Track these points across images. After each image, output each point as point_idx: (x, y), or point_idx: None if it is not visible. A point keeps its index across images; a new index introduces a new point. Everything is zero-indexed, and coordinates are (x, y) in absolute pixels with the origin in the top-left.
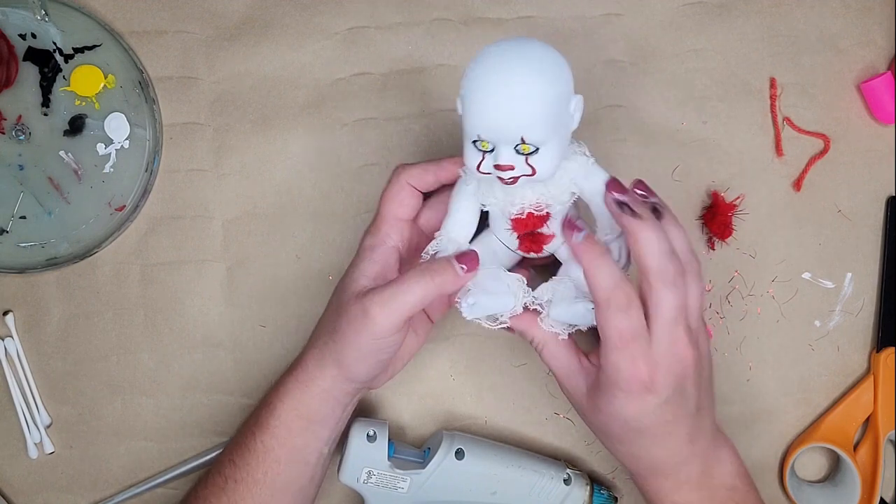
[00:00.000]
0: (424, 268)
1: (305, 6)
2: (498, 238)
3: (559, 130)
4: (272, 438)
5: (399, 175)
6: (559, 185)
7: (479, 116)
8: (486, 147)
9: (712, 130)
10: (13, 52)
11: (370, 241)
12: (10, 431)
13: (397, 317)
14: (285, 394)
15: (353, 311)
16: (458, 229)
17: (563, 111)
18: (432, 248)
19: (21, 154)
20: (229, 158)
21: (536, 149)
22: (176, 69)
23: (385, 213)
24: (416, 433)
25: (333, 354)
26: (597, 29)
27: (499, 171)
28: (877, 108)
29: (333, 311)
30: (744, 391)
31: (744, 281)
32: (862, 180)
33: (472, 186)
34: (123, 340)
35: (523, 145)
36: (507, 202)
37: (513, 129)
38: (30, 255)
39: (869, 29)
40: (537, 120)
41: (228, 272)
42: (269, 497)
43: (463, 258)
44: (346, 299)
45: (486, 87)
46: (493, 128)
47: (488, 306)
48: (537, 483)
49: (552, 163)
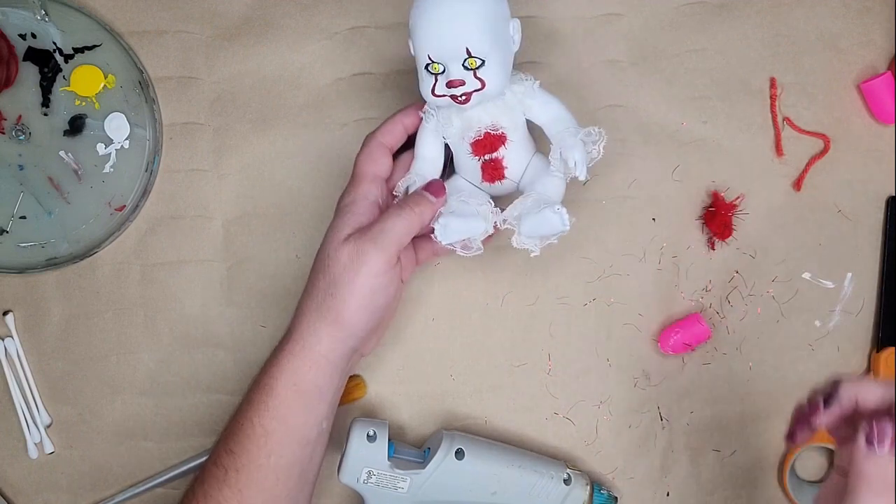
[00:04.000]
0: (401, 203)
1: (305, 6)
2: (465, 178)
3: (501, 46)
4: (272, 420)
5: (372, 138)
6: (510, 107)
7: (426, 38)
8: (437, 70)
9: (712, 130)
10: (13, 52)
11: (349, 199)
12: (10, 431)
13: (392, 250)
14: (280, 371)
15: (347, 256)
16: (426, 166)
17: (503, 29)
18: (403, 184)
19: (21, 154)
20: (229, 158)
21: (482, 62)
22: (176, 69)
23: (362, 173)
24: (416, 433)
25: (331, 312)
26: (597, 29)
27: (451, 89)
28: (877, 108)
29: (321, 272)
30: (744, 391)
31: (744, 281)
32: (862, 180)
33: (432, 124)
34: (123, 340)
35: (470, 59)
36: (465, 128)
37: (458, 42)
38: (30, 255)
39: (869, 29)
40: (479, 32)
41: (228, 272)
42: (273, 481)
43: (429, 188)
44: (334, 250)
45: (431, 10)
46: (440, 46)
47: (460, 229)
48: (537, 483)
49: (499, 77)
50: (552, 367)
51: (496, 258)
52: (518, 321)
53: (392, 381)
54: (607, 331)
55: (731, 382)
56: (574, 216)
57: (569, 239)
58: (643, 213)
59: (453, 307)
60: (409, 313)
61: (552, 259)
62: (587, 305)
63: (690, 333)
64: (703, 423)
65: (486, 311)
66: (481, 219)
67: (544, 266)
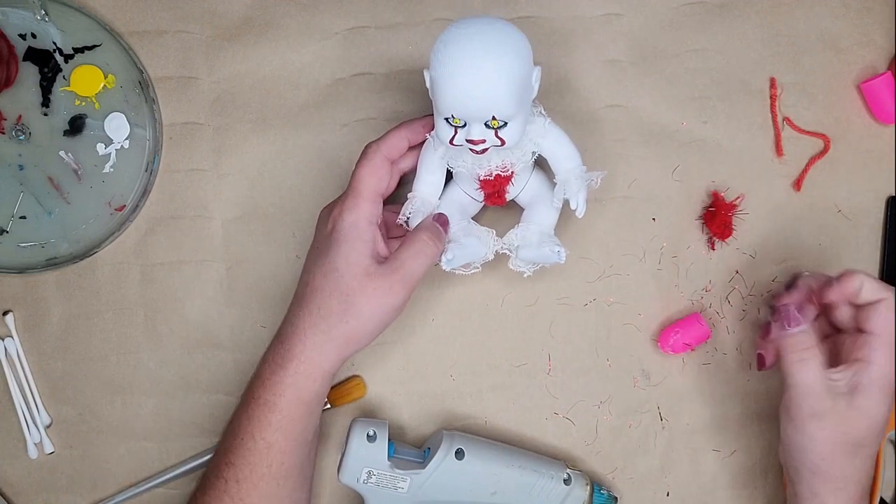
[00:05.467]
0: (419, 244)
1: (305, 6)
2: (463, 190)
3: (525, 103)
4: (275, 433)
5: (376, 150)
6: (522, 147)
7: (451, 98)
8: (458, 123)
9: (712, 130)
10: (13, 52)
11: (353, 219)
12: (10, 431)
13: (412, 287)
14: (284, 388)
15: (372, 290)
16: (429, 189)
17: (527, 85)
18: (408, 210)
19: (21, 154)
20: (229, 158)
21: (505, 123)
22: (176, 69)
23: (364, 190)
24: (416, 433)
25: (343, 335)
26: (597, 29)
27: (471, 145)
28: (877, 108)
29: (334, 296)
30: (744, 391)
31: (744, 281)
32: (862, 180)
33: (440, 151)
34: (123, 340)
35: (493, 121)
36: (476, 166)
37: (484, 109)
38: (30, 255)
39: (869, 29)
40: (506, 99)
41: (228, 272)
42: (274, 486)
43: (439, 220)
44: (355, 281)
45: (457, 70)
46: (465, 108)
47: (464, 256)
48: (537, 483)
49: (519, 133)
50: (552, 367)
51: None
52: (518, 321)
53: (392, 381)
54: (607, 331)
55: (731, 382)
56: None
57: (569, 239)
58: (643, 213)
59: (453, 307)
60: (409, 313)
61: None
62: (587, 305)
63: (690, 333)
64: (703, 423)
65: (486, 311)
66: (483, 246)
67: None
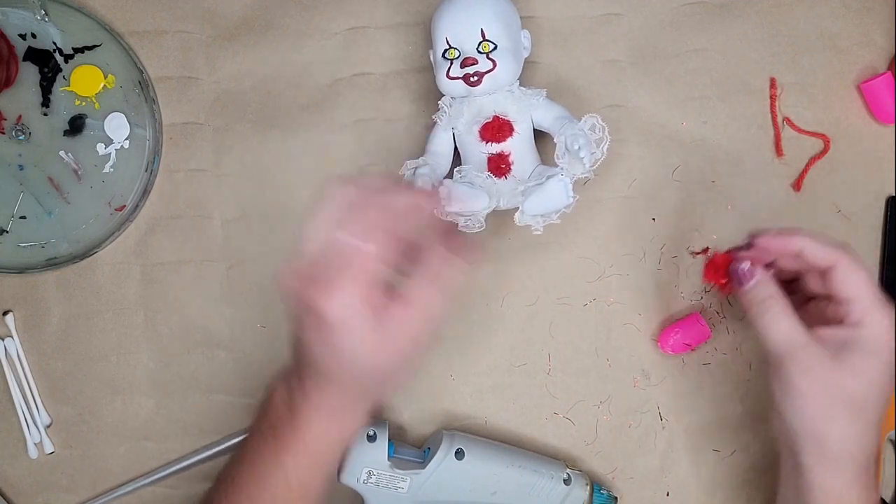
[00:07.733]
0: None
1: (305, 6)
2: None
3: (512, 39)
4: (306, 472)
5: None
6: (517, 99)
7: (446, 25)
8: (453, 55)
9: (712, 130)
10: (13, 52)
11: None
12: (10, 431)
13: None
14: (309, 458)
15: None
16: (437, 159)
17: (514, 29)
18: (412, 164)
19: (21, 154)
20: (229, 158)
21: (495, 46)
22: (176, 69)
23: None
24: (416, 433)
25: (367, 404)
26: (597, 29)
27: (465, 69)
28: (877, 108)
29: (350, 384)
30: (744, 391)
31: None
32: (862, 180)
33: (444, 120)
34: (123, 340)
35: (484, 42)
36: (475, 117)
37: (474, 26)
38: (30, 255)
39: (869, 29)
40: (493, 18)
41: (228, 272)
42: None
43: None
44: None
45: (452, 4)
46: (458, 30)
47: (464, 197)
48: (537, 483)
49: (509, 65)
50: (552, 367)
51: (496, 258)
52: (518, 321)
53: None
54: (607, 331)
55: (731, 382)
56: (576, 194)
57: (569, 239)
58: (643, 213)
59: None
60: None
61: (552, 259)
62: (587, 305)
63: (690, 333)
64: (703, 423)
65: (486, 311)
66: (485, 192)
67: (544, 266)
